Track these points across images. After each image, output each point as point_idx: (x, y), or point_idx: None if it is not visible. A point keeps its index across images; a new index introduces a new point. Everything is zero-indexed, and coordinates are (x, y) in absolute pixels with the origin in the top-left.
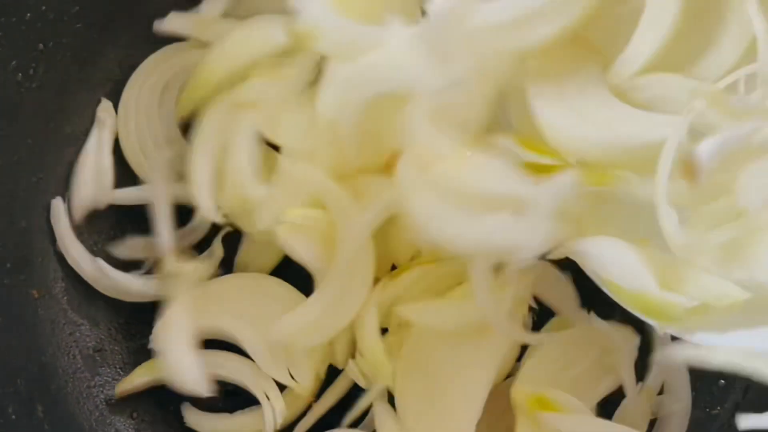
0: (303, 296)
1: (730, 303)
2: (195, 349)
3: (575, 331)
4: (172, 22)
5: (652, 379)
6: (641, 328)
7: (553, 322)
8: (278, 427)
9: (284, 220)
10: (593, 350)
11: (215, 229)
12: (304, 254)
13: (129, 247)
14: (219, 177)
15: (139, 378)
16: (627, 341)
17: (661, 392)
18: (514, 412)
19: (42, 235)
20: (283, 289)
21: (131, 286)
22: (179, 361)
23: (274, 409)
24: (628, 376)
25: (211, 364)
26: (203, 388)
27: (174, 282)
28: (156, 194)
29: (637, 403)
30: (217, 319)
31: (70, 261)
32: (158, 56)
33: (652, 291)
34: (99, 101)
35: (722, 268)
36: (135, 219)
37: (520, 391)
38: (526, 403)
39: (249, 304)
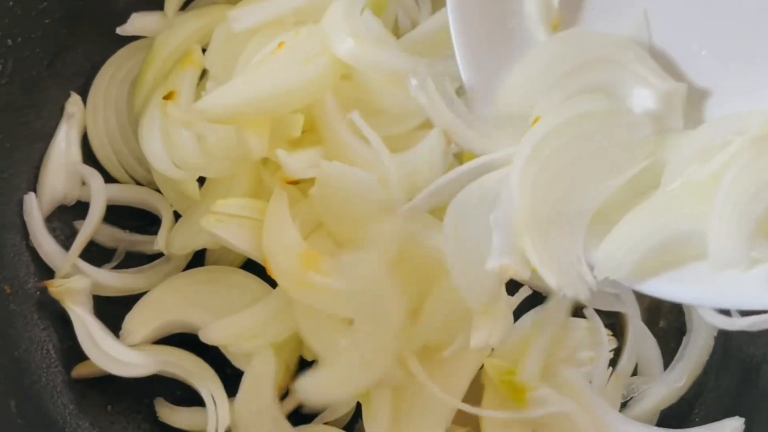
0: (270, 288)
1: None
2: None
3: (563, 321)
4: (133, 24)
5: (624, 362)
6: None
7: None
8: (222, 430)
9: (214, 211)
10: (573, 343)
11: None
12: (236, 243)
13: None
14: None
15: None
16: (609, 341)
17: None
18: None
19: (14, 230)
20: (251, 281)
21: (104, 280)
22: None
23: (218, 413)
24: (599, 373)
25: (164, 361)
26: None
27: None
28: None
29: (608, 387)
30: (185, 312)
31: (42, 256)
32: (126, 51)
33: None
34: (69, 96)
35: None
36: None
37: (495, 365)
38: (497, 380)
39: (217, 297)
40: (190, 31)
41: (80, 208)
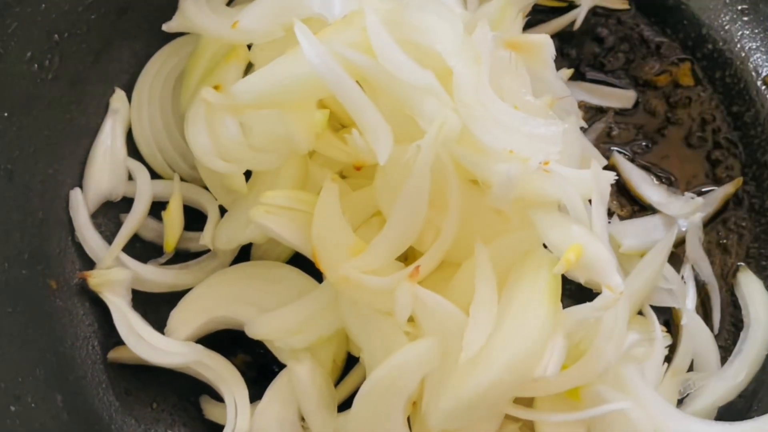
0: (317, 283)
1: None
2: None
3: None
4: (178, 21)
5: (680, 358)
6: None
7: None
8: None
9: (263, 202)
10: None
11: None
12: (285, 235)
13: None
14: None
15: None
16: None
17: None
18: None
19: (60, 226)
20: (297, 276)
21: (149, 276)
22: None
23: (237, 420)
24: (654, 370)
25: (195, 361)
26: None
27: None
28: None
29: (664, 384)
30: (231, 307)
31: (88, 251)
32: (172, 46)
33: None
34: (113, 92)
35: None
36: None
37: None
38: None
39: (263, 292)
40: None
41: (126, 205)
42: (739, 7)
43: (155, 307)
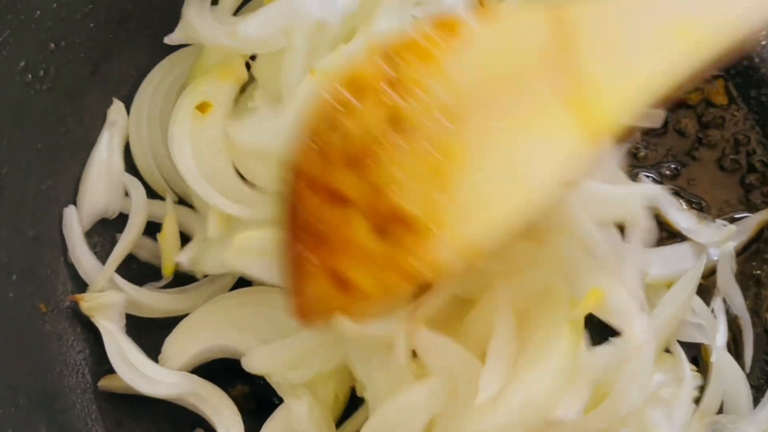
0: None
1: None
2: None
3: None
4: (181, 33)
5: (709, 399)
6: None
7: None
8: None
9: (232, 245)
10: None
11: None
12: (260, 274)
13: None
14: None
15: None
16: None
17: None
18: None
19: (52, 245)
20: None
21: (145, 300)
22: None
23: None
24: (682, 411)
25: (190, 393)
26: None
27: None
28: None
29: (691, 427)
30: (229, 336)
31: (81, 273)
32: (174, 57)
33: None
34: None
35: None
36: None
37: None
38: None
39: (263, 320)
40: None
41: (123, 223)
42: None
43: (151, 332)
